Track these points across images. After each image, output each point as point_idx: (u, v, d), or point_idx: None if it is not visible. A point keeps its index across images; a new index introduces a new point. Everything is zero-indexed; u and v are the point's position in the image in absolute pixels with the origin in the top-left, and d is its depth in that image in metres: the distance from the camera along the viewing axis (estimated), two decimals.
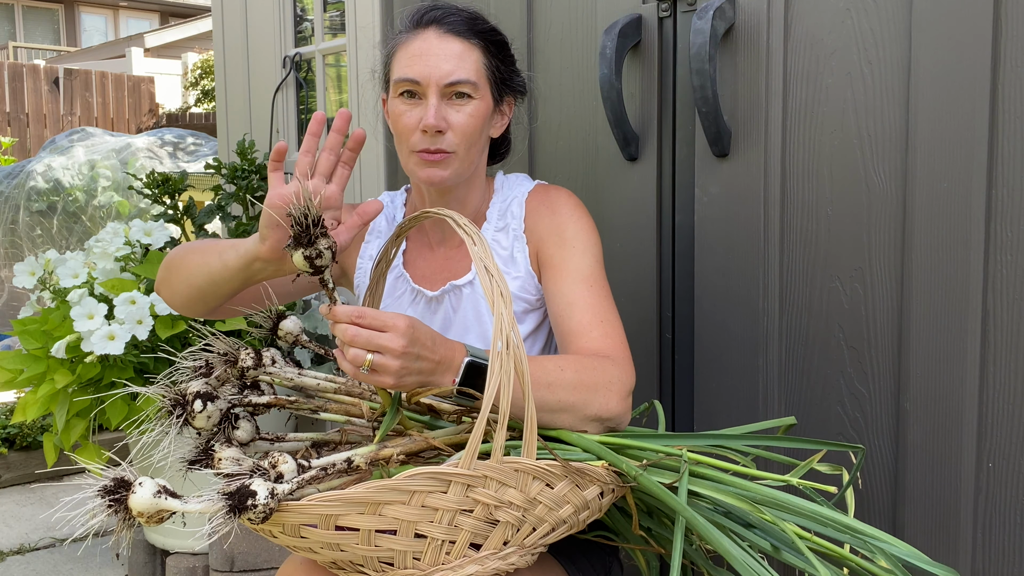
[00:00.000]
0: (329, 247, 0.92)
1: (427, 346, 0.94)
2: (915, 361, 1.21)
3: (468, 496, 0.88)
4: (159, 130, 4.94)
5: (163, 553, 2.30)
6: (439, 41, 1.16)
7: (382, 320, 0.92)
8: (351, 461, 0.93)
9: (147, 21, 16.64)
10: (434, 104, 1.14)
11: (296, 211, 0.90)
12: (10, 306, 4.79)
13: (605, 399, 1.04)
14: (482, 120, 1.18)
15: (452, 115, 1.16)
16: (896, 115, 1.21)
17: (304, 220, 0.90)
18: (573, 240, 1.20)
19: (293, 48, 2.52)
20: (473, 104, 1.17)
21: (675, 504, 0.93)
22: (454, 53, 1.16)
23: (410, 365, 0.93)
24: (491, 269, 0.89)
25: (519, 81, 1.26)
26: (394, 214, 1.35)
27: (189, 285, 1.16)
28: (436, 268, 1.28)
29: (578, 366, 1.05)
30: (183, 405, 0.96)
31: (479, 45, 1.18)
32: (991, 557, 1.17)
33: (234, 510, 0.81)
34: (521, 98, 1.29)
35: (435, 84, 1.15)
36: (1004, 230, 1.12)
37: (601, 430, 1.06)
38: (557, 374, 1.02)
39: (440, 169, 1.17)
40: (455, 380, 0.97)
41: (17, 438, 3.12)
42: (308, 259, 0.92)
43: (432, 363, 0.95)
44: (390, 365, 0.92)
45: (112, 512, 0.82)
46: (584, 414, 1.03)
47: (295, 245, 0.92)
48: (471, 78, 1.16)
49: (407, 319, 0.93)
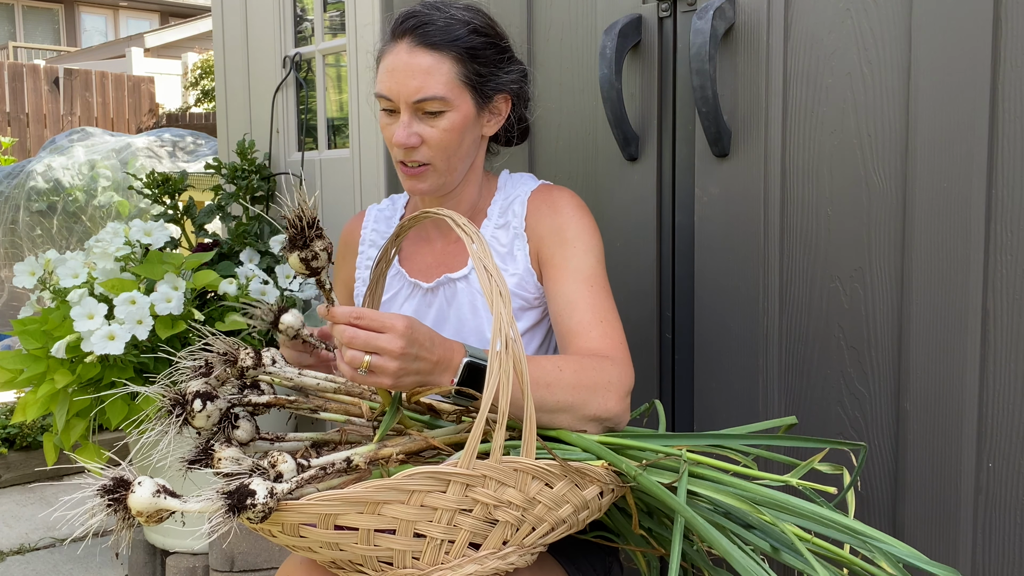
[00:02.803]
0: (325, 248, 0.92)
1: (425, 346, 0.94)
2: (915, 361, 1.21)
3: (467, 496, 0.88)
4: (159, 130, 4.93)
5: (163, 553, 2.30)
6: (408, 56, 1.15)
7: (380, 321, 0.92)
8: (350, 460, 0.93)
9: (147, 21, 16.64)
10: (404, 121, 1.15)
11: (290, 213, 0.90)
12: (10, 306, 4.79)
13: (604, 399, 1.04)
14: (459, 131, 1.17)
15: (425, 130, 1.16)
16: (896, 115, 1.21)
17: (299, 222, 0.90)
18: (575, 240, 1.20)
19: (293, 48, 2.52)
20: (447, 117, 1.16)
21: (674, 504, 0.93)
22: (422, 69, 1.14)
23: (408, 366, 0.93)
24: (490, 269, 0.89)
25: (511, 77, 1.23)
26: (392, 215, 1.37)
27: None
28: (433, 261, 1.28)
29: (577, 366, 1.05)
30: (183, 405, 0.96)
31: (451, 55, 1.15)
32: (991, 557, 1.17)
33: (233, 509, 0.81)
34: (523, 89, 1.26)
35: (404, 101, 1.15)
36: (1004, 230, 1.12)
37: (600, 430, 1.06)
38: (556, 374, 1.02)
39: (419, 182, 1.19)
40: (454, 380, 0.97)
41: (17, 438, 3.12)
42: (304, 261, 0.92)
43: (430, 363, 0.95)
44: (388, 366, 0.92)
45: (111, 511, 0.82)
46: (583, 414, 1.03)
47: (290, 248, 0.91)
48: (439, 94, 1.14)
49: (405, 319, 0.93)
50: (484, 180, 1.30)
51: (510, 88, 1.23)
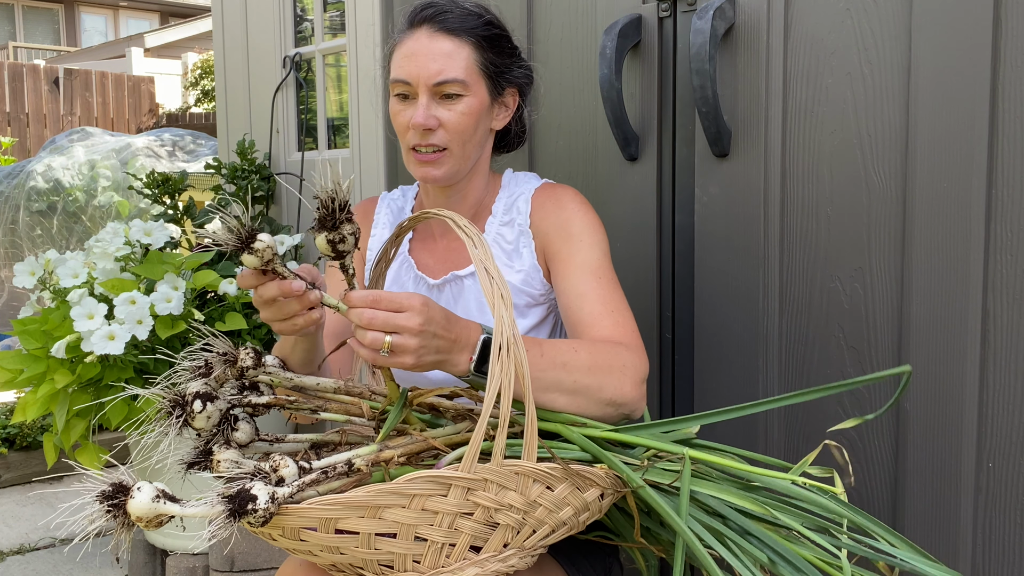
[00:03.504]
0: (353, 233, 0.90)
1: (442, 324, 0.94)
2: (915, 361, 1.21)
3: (468, 499, 0.88)
4: (159, 130, 4.94)
5: (163, 553, 2.30)
6: (429, 40, 1.17)
7: (398, 301, 0.91)
8: (351, 463, 0.92)
9: (147, 21, 16.64)
10: (423, 103, 1.17)
11: (323, 193, 0.88)
12: (10, 306, 4.79)
13: (620, 382, 1.05)
14: (475, 116, 1.19)
15: (443, 113, 1.18)
16: (896, 115, 1.21)
17: (331, 203, 0.88)
18: (580, 234, 1.21)
19: (293, 48, 2.52)
20: (464, 102, 1.18)
21: (676, 525, 0.91)
22: (443, 52, 1.17)
23: (428, 343, 0.92)
24: (491, 271, 0.89)
25: (520, 72, 1.26)
26: (403, 206, 1.38)
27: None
28: (439, 258, 1.29)
29: (592, 348, 1.06)
30: (182, 406, 0.95)
31: (471, 41, 1.18)
32: (991, 557, 1.17)
33: (234, 514, 0.80)
34: (527, 88, 1.29)
35: (424, 84, 1.17)
36: (1004, 230, 1.12)
37: (617, 417, 1.06)
38: (572, 355, 1.03)
39: (434, 168, 1.20)
40: (471, 359, 0.97)
41: (17, 438, 3.12)
42: (331, 243, 0.90)
43: (448, 341, 0.95)
44: (408, 344, 0.91)
45: (111, 517, 0.82)
46: (599, 397, 1.03)
47: (319, 228, 0.90)
48: (459, 76, 1.17)
49: (421, 297, 0.93)
50: (490, 177, 1.31)
51: (519, 83, 1.27)
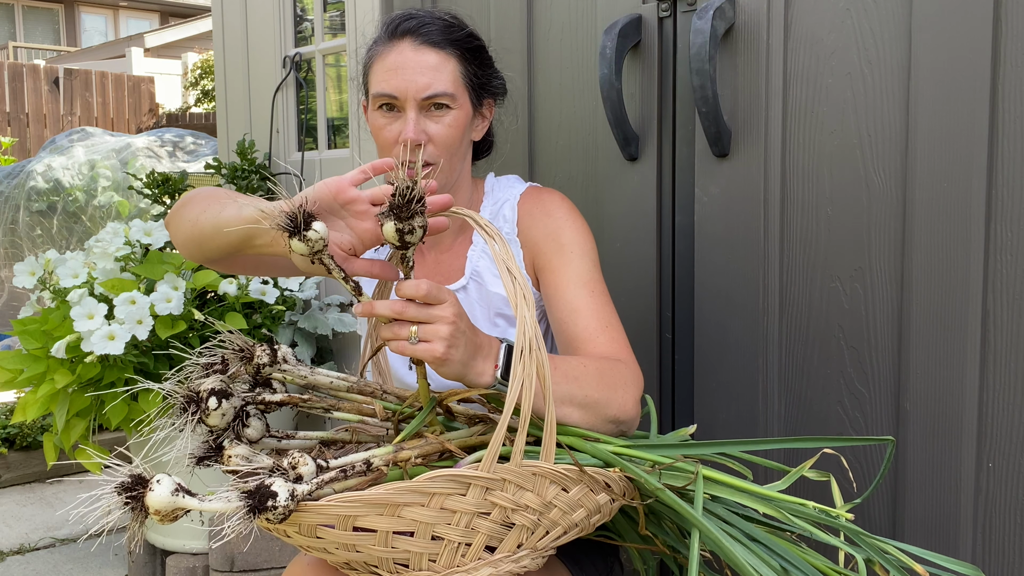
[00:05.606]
0: (423, 226, 0.90)
1: (469, 325, 0.95)
2: (915, 361, 1.21)
3: (486, 499, 0.88)
4: (159, 130, 4.94)
5: (163, 553, 2.30)
6: (414, 53, 1.16)
7: (435, 295, 0.91)
8: (370, 462, 0.92)
9: (147, 21, 16.64)
10: (412, 118, 1.15)
11: (400, 183, 0.87)
12: (10, 306, 4.79)
13: (623, 398, 1.05)
14: (462, 129, 1.19)
15: (431, 127, 1.16)
16: (896, 115, 1.21)
17: (408, 192, 0.87)
18: (571, 245, 1.20)
19: (293, 48, 2.52)
20: (452, 114, 1.17)
21: (695, 520, 0.91)
22: (430, 65, 1.15)
23: (459, 338, 0.92)
24: (514, 271, 0.89)
25: (497, 83, 1.26)
26: None
27: (195, 224, 1.10)
28: (427, 273, 1.28)
29: (598, 364, 1.06)
30: (197, 403, 0.94)
31: (455, 54, 1.17)
32: (991, 557, 1.17)
33: (254, 510, 0.80)
34: (501, 99, 1.29)
35: (412, 98, 1.15)
36: (1004, 230, 1.12)
37: (616, 434, 1.06)
38: (581, 369, 1.03)
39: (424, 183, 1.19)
40: (497, 366, 0.97)
41: (17, 438, 3.12)
42: (399, 232, 0.89)
43: (474, 344, 0.95)
44: (441, 331, 0.91)
45: (129, 509, 0.81)
46: (604, 414, 1.03)
47: (388, 214, 0.89)
48: (448, 89, 1.16)
49: (452, 292, 0.93)
50: (472, 184, 1.30)
51: (496, 93, 1.26)
